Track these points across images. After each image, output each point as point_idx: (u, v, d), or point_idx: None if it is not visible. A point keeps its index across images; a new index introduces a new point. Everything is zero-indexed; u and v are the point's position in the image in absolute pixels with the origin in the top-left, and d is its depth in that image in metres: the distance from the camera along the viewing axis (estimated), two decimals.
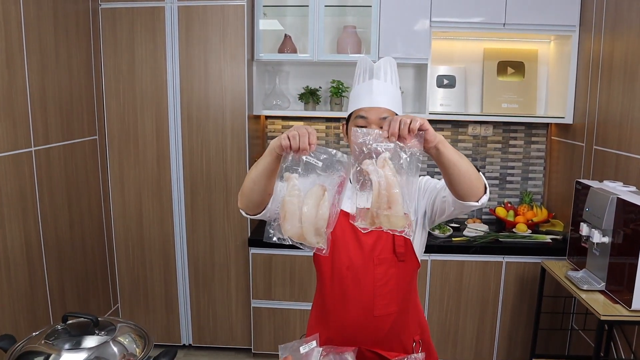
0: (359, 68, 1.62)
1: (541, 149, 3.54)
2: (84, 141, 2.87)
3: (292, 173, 1.26)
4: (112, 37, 2.99)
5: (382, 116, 1.51)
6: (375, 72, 1.57)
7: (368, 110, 1.53)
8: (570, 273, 2.43)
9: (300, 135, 1.24)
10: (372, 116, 1.52)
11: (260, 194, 1.44)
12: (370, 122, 1.52)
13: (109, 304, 3.19)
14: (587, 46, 2.97)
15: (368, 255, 1.57)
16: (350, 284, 1.59)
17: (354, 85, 1.63)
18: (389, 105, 1.54)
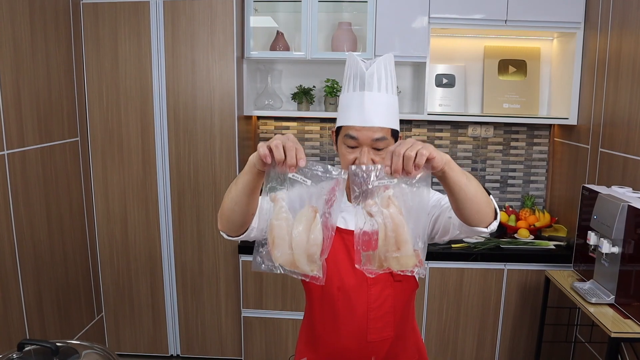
0: (348, 71, 1.42)
1: (544, 150, 3.41)
2: (64, 143, 2.73)
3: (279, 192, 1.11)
4: (94, 34, 2.84)
5: (376, 137, 1.34)
6: (367, 82, 1.36)
7: (359, 129, 1.34)
8: (576, 284, 2.30)
9: (287, 149, 1.06)
10: (364, 137, 1.34)
11: (242, 214, 1.27)
12: (361, 142, 1.35)
13: (93, 314, 3.04)
14: (592, 44, 2.84)
15: (361, 275, 1.42)
16: (342, 306, 1.44)
17: (342, 89, 1.43)
18: (383, 122, 1.36)
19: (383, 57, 1.37)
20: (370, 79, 1.35)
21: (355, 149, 1.37)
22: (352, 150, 1.37)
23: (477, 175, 3.44)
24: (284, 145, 1.06)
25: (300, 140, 3.43)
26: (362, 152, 1.36)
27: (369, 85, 1.35)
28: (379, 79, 1.35)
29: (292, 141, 1.08)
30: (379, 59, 1.36)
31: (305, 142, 3.45)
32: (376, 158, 1.36)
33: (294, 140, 1.09)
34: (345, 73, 1.42)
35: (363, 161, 1.35)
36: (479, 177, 3.44)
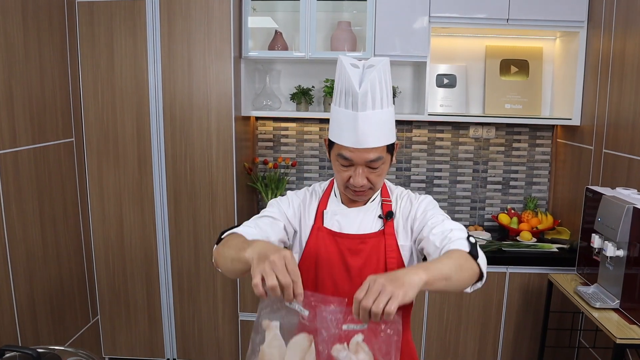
0: (338, 81, 1.29)
1: (546, 152, 3.36)
2: (58, 144, 2.68)
3: (272, 321, 1.09)
4: (90, 33, 2.80)
5: (370, 159, 1.29)
6: (360, 101, 1.23)
7: (353, 151, 1.28)
8: (580, 288, 2.24)
9: (283, 286, 1.00)
10: (358, 159, 1.29)
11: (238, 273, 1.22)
12: (356, 163, 1.31)
13: (88, 317, 3.00)
14: (595, 43, 2.79)
15: (355, 279, 1.38)
16: None
17: (335, 99, 1.32)
18: (379, 141, 1.29)
19: (378, 68, 1.24)
20: (364, 99, 1.24)
21: (350, 167, 1.33)
22: (346, 169, 1.33)
23: (479, 177, 3.39)
24: (280, 282, 1.00)
25: (298, 141, 3.39)
26: (356, 173, 1.32)
27: (363, 106, 1.25)
28: (373, 97, 1.25)
29: (291, 273, 1.01)
30: (373, 72, 1.24)
31: (304, 143, 3.41)
32: (371, 176, 1.33)
33: (293, 270, 1.02)
34: (336, 81, 1.31)
35: (358, 182, 1.32)
36: (480, 178, 3.40)
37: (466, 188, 3.42)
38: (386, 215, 1.42)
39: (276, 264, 1.01)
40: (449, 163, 3.40)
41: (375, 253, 1.40)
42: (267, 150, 3.44)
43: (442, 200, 3.42)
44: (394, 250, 1.40)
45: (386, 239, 1.40)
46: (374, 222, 1.43)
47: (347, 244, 1.40)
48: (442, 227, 1.32)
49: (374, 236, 1.41)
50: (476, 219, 3.44)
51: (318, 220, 1.45)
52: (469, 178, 3.41)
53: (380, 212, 1.44)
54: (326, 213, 1.45)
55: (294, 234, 1.48)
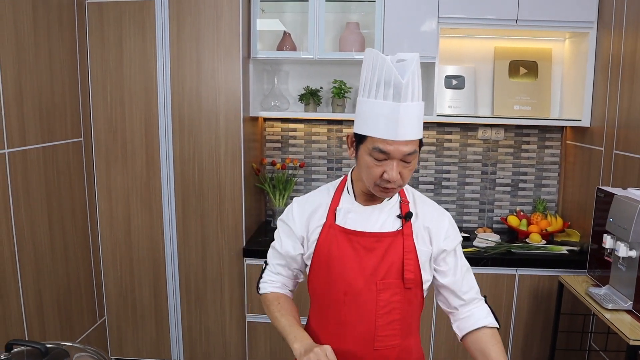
0: (372, 73, 1.26)
1: (555, 153, 3.33)
2: (67, 143, 2.69)
3: None
4: (99, 33, 2.81)
5: (408, 152, 1.26)
6: (403, 92, 1.22)
7: (392, 144, 1.24)
8: (591, 290, 2.22)
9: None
10: (397, 152, 1.25)
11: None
12: (392, 157, 1.26)
13: (95, 318, 2.99)
14: (605, 44, 2.77)
15: (370, 279, 1.36)
16: (348, 312, 1.37)
17: (365, 91, 1.29)
18: (417, 134, 1.28)
19: (411, 60, 1.24)
20: (407, 90, 1.22)
21: (384, 162, 1.27)
22: (380, 164, 1.28)
23: (487, 178, 3.37)
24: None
25: (307, 142, 3.38)
26: (391, 166, 1.27)
27: (405, 97, 1.23)
28: (413, 89, 1.24)
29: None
30: (412, 65, 1.23)
31: (312, 144, 3.40)
32: (404, 171, 1.30)
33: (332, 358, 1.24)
34: (368, 73, 1.28)
35: (393, 177, 1.27)
36: (489, 180, 3.38)
37: (475, 190, 3.40)
38: (405, 216, 1.39)
39: (319, 354, 1.21)
40: (458, 164, 3.38)
41: (391, 253, 1.37)
42: (275, 151, 3.43)
43: (451, 202, 3.40)
44: (412, 252, 1.37)
45: (404, 240, 1.37)
46: (392, 222, 1.40)
47: (362, 242, 1.37)
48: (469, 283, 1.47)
49: (392, 235, 1.38)
50: (485, 220, 3.42)
51: (330, 217, 1.41)
52: (477, 180, 3.39)
53: (398, 211, 1.41)
54: (339, 210, 1.41)
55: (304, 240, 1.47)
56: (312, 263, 1.43)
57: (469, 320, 1.44)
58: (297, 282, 1.58)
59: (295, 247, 1.47)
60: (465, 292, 1.45)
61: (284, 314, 1.42)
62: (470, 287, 1.47)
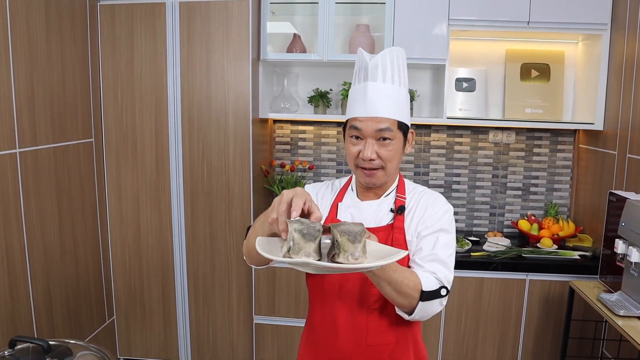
0: (355, 65, 1.40)
1: (568, 157, 3.29)
2: (78, 144, 2.71)
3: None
4: (111, 35, 2.83)
5: (380, 127, 1.32)
6: (371, 72, 1.33)
7: (363, 120, 1.33)
8: (603, 295, 2.18)
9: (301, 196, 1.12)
10: (367, 128, 1.32)
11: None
12: (365, 134, 1.33)
13: (104, 318, 3.01)
14: (619, 46, 2.73)
15: (363, 274, 1.36)
16: (342, 307, 1.39)
17: (352, 84, 1.43)
18: (387, 112, 1.32)
19: (389, 49, 1.34)
20: (374, 70, 1.33)
21: (360, 141, 1.35)
22: (356, 142, 1.35)
23: (498, 182, 3.34)
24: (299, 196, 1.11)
25: (316, 144, 3.38)
26: (366, 145, 1.33)
27: (373, 76, 1.33)
28: (383, 70, 1.33)
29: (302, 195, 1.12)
30: (383, 52, 1.34)
31: (322, 147, 3.39)
32: (381, 150, 1.34)
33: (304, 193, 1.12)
34: (354, 69, 1.41)
35: (366, 154, 1.32)
36: (500, 184, 3.34)
37: (485, 194, 3.37)
38: (397, 209, 1.40)
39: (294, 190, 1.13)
40: (468, 168, 3.35)
41: None
42: (285, 153, 3.43)
43: (461, 205, 3.37)
44: (401, 245, 1.37)
45: (394, 233, 1.38)
46: (385, 216, 1.42)
47: None
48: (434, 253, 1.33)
49: (383, 230, 1.39)
50: (495, 225, 3.39)
51: (332, 212, 1.45)
52: (488, 183, 3.36)
53: (393, 206, 1.43)
54: (341, 205, 1.45)
55: None
56: None
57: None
58: None
59: None
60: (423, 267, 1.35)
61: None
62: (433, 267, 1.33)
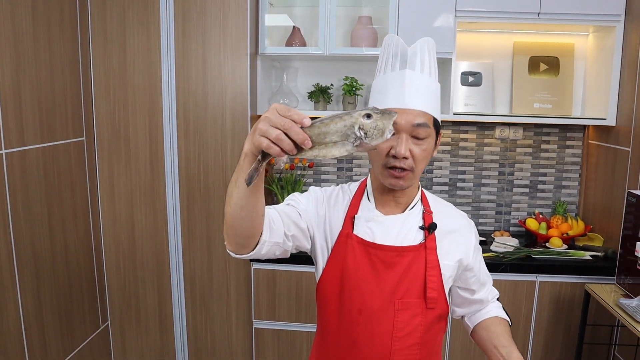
0: (386, 51, 1.25)
1: (577, 153, 3.19)
2: (68, 143, 2.58)
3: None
4: (102, 28, 2.70)
5: (417, 122, 1.16)
6: (409, 59, 1.20)
7: (399, 113, 1.14)
8: (623, 301, 2.08)
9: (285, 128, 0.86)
10: (404, 122, 1.16)
11: (250, 219, 1.07)
12: (400, 128, 1.16)
13: (98, 323, 2.89)
14: (634, 38, 2.62)
15: (388, 298, 1.22)
16: (362, 333, 1.24)
17: (378, 72, 1.27)
18: (427, 106, 1.18)
19: (424, 39, 1.23)
20: (413, 57, 1.21)
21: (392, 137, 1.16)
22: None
23: (505, 179, 3.23)
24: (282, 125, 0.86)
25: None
26: (400, 140, 1.16)
27: (412, 64, 1.20)
28: (422, 59, 1.21)
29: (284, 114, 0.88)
30: (420, 41, 1.23)
31: None
32: (415, 149, 1.18)
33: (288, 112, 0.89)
34: (383, 54, 1.27)
35: (401, 151, 1.15)
36: (506, 181, 3.23)
37: (491, 191, 3.26)
38: (428, 227, 1.27)
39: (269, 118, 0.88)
40: (474, 165, 3.24)
41: (414, 269, 1.24)
42: None
43: (466, 204, 3.27)
44: (435, 268, 1.25)
45: (427, 254, 1.25)
46: (414, 234, 1.28)
47: (381, 256, 1.24)
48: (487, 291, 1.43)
49: (414, 250, 1.25)
50: (502, 223, 3.29)
51: (347, 226, 1.28)
52: (494, 181, 3.25)
53: (421, 222, 1.29)
54: (357, 219, 1.28)
55: (314, 238, 1.31)
56: (323, 274, 1.29)
57: (481, 312, 1.44)
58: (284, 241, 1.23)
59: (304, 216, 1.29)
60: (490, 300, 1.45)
61: None
62: (490, 291, 1.46)
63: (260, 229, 1.12)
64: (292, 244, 1.25)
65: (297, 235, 1.26)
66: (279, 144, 0.87)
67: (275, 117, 0.88)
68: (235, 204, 1.04)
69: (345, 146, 0.90)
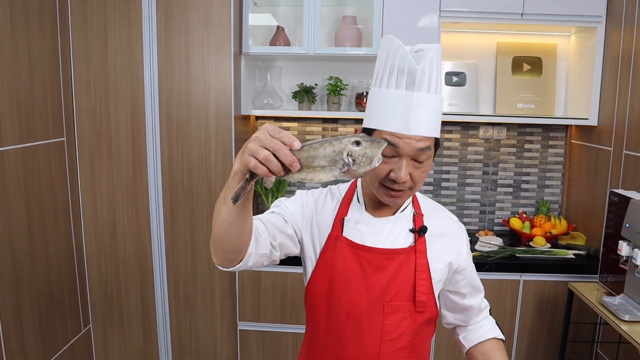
0: (390, 59, 1.13)
1: (559, 153, 3.22)
2: (48, 143, 2.53)
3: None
4: (82, 25, 2.64)
5: (419, 147, 1.10)
6: (418, 80, 1.09)
7: (402, 137, 1.10)
8: (605, 299, 2.10)
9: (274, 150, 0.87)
10: (407, 147, 1.10)
11: (238, 236, 1.06)
12: (401, 153, 1.11)
13: (79, 327, 2.84)
14: (615, 39, 2.65)
15: (377, 300, 1.21)
16: (350, 336, 1.22)
17: (379, 82, 1.16)
18: (431, 131, 1.12)
19: (433, 48, 1.12)
20: (422, 77, 1.09)
21: (392, 159, 1.12)
22: (387, 160, 1.11)
23: (489, 179, 3.25)
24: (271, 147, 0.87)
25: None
26: (400, 165, 1.12)
27: (419, 85, 1.09)
28: (429, 79, 1.10)
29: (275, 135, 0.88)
30: (429, 51, 1.11)
31: None
32: (415, 172, 1.14)
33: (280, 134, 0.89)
34: (383, 62, 1.15)
35: (401, 176, 1.11)
36: (490, 181, 3.25)
37: (475, 191, 3.28)
38: (419, 230, 1.25)
39: (259, 138, 0.88)
40: (458, 165, 3.25)
41: (403, 272, 1.22)
42: None
43: (450, 203, 3.28)
44: (425, 271, 1.23)
45: (417, 257, 1.23)
46: (404, 237, 1.25)
47: (370, 259, 1.22)
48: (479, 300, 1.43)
49: (404, 252, 1.23)
50: (485, 223, 3.30)
51: (336, 228, 1.25)
52: (478, 180, 3.27)
53: (412, 225, 1.27)
54: (347, 220, 1.25)
55: (302, 241, 1.29)
56: (312, 276, 1.28)
57: (478, 332, 1.41)
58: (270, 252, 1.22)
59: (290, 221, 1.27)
60: (482, 309, 1.42)
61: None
62: (482, 299, 1.44)
63: (248, 244, 1.12)
64: (279, 253, 1.24)
65: (284, 243, 1.25)
66: (267, 165, 0.87)
67: (265, 137, 0.88)
68: (223, 221, 1.03)
69: (332, 171, 0.91)
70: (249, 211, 1.04)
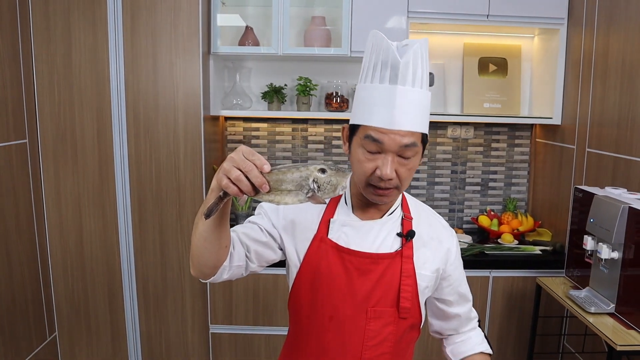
0: (374, 54, 1.10)
1: (525, 152, 3.29)
2: (9, 145, 2.45)
3: None
4: (44, 26, 2.57)
5: (405, 143, 1.07)
6: (401, 73, 1.06)
7: (386, 132, 1.07)
8: (572, 292, 2.15)
9: (246, 171, 0.91)
10: (391, 142, 1.07)
11: (214, 252, 1.08)
12: (386, 149, 1.08)
13: (44, 335, 2.75)
14: (576, 41, 2.73)
15: (360, 305, 1.18)
16: (332, 340, 1.20)
17: (364, 77, 1.13)
18: (416, 125, 1.08)
19: (418, 42, 1.08)
20: (405, 70, 1.06)
21: (377, 156, 1.09)
22: (372, 157, 1.10)
23: (457, 178, 3.30)
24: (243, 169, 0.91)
25: (270, 142, 3.23)
26: (385, 161, 1.08)
27: (403, 79, 1.06)
28: (414, 72, 1.06)
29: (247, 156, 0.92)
30: (414, 45, 1.07)
31: (276, 145, 3.24)
32: (401, 169, 1.10)
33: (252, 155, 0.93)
34: (369, 57, 1.12)
35: (386, 172, 1.08)
36: (459, 180, 3.30)
37: (444, 190, 3.32)
38: (406, 235, 1.21)
39: (233, 158, 0.92)
40: (427, 164, 3.29)
41: (388, 277, 1.19)
42: None
43: None
44: (411, 277, 1.20)
45: (403, 263, 1.20)
46: (391, 241, 1.22)
47: (356, 263, 1.19)
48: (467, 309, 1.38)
49: (389, 257, 1.20)
50: (455, 221, 3.35)
51: (322, 229, 1.22)
52: (447, 179, 3.31)
53: (399, 229, 1.23)
54: (333, 222, 1.21)
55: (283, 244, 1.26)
56: (296, 279, 1.24)
57: (465, 345, 1.38)
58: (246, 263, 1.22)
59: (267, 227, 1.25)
60: (471, 319, 1.40)
61: None
62: (471, 309, 1.40)
63: (224, 260, 1.13)
64: (256, 264, 1.23)
65: (259, 251, 1.23)
66: (238, 185, 0.91)
67: (239, 158, 0.91)
68: (200, 235, 1.06)
69: (298, 196, 0.95)
70: (225, 227, 1.05)
